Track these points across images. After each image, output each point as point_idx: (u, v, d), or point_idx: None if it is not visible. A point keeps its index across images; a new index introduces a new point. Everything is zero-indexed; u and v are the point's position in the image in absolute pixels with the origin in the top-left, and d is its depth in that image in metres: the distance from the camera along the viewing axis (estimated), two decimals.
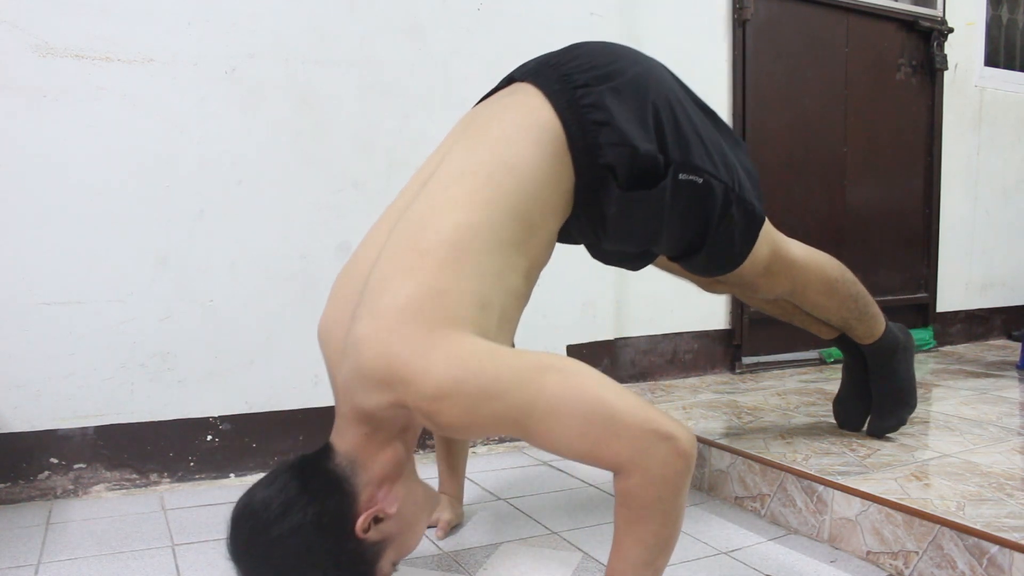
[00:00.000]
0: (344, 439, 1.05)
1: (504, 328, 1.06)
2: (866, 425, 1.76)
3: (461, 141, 1.16)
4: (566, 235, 1.25)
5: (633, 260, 1.37)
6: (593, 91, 1.14)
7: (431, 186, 1.10)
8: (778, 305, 1.71)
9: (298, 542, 0.98)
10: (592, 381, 0.94)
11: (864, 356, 1.71)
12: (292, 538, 0.98)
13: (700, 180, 1.22)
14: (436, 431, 0.98)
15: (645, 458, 0.91)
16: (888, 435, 1.73)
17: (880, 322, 1.65)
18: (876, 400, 1.72)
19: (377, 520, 1.04)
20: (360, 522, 1.02)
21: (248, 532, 1.00)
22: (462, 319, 0.97)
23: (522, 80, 1.21)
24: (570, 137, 1.12)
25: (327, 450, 1.06)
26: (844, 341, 1.73)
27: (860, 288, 1.61)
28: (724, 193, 1.25)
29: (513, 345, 1.17)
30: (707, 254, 1.32)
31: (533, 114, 1.13)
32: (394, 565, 1.11)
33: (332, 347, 1.12)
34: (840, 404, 1.81)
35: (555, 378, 0.93)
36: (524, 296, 1.13)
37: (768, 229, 1.40)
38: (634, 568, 0.96)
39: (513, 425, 0.93)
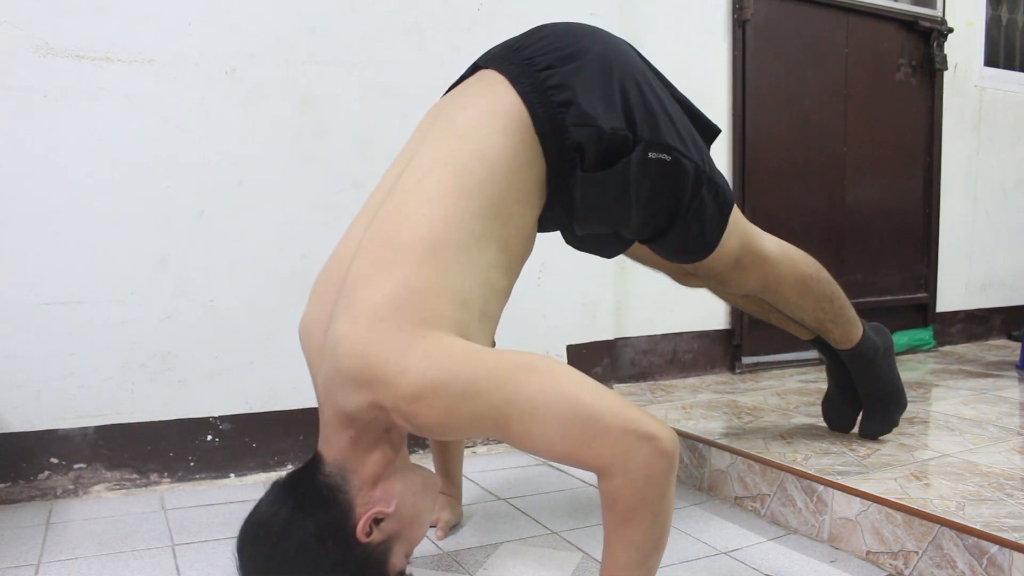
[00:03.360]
0: (331, 447, 1.04)
1: (485, 325, 1.05)
2: (857, 427, 1.75)
3: (431, 133, 1.14)
4: (540, 223, 1.22)
5: (606, 245, 1.35)
6: (557, 72, 1.12)
7: (404, 181, 1.08)
8: (753, 302, 1.67)
9: (304, 560, 0.98)
10: (571, 381, 0.93)
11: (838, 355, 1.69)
12: (298, 557, 0.98)
13: (669, 158, 1.18)
14: (415, 432, 0.98)
15: (627, 459, 0.90)
16: (880, 437, 1.72)
17: (857, 327, 1.61)
18: (865, 403, 1.70)
19: (377, 521, 1.04)
20: (360, 527, 1.02)
21: (255, 557, 1.01)
22: (441, 318, 0.95)
23: (486, 67, 1.20)
24: (536, 120, 1.09)
25: (316, 462, 1.05)
26: (821, 343, 1.70)
27: (836, 289, 1.57)
28: (695, 172, 1.22)
29: (494, 343, 1.16)
30: (678, 236, 1.28)
31: (499, 100, 1.11)
32: (407, 557, 1.11)
33: (313, 348, 1.11)
34: (828, 403, 1.79)
35: (534, 378, 0.91)
36: (505, 292, 1.12)
37: (739, 220, 1.37)
38: (626, 570, 0.96)
39: (492, 426, 0.92)
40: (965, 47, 3.13)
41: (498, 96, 1.12)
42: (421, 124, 1.22)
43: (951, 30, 3.00)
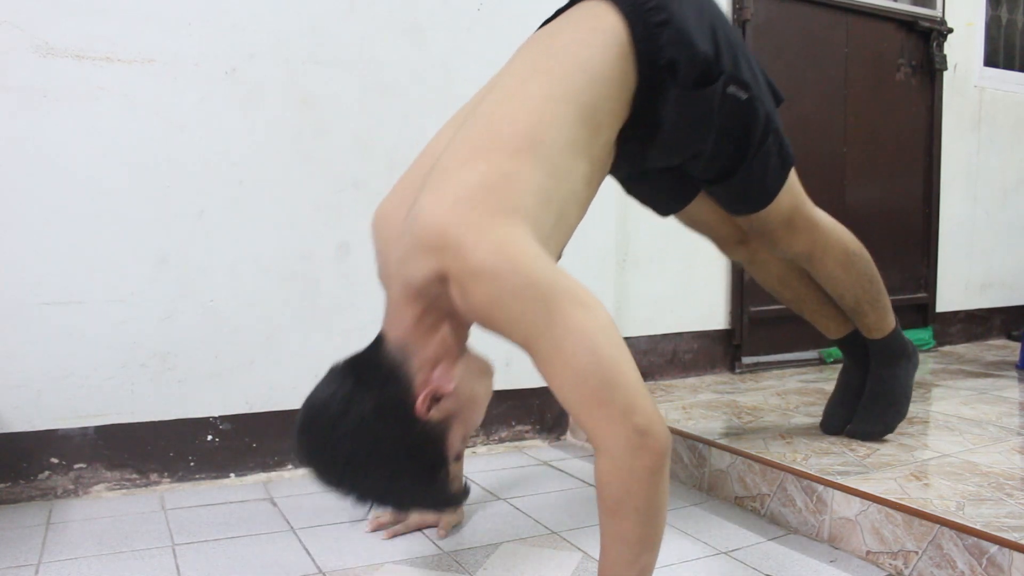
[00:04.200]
0: (394, 326, 1.07)
1: (559, 230, 1.08)
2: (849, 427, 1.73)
3: (532, 46, 1.21)
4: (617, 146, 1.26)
5: (667, 190, 1.42)
6: None
7: (503, 83, 1.14)
8: (790, 286, 1.69)
9: (365, 434, 1.00)
10: (611, 342, 0.94)
11: (866, 360, 1.69)
12: (358, 432, 1.00)
13: (745, 96, 1.26)
14: (465, 310, 0.99)
15: (615, 441, 0.92)
16: (871, 439, 1.69)
17: (891, 318, 1.65)
18: (868, 401, 1.69)
19: (437, 399, 1.05)
20: (420, 403, 1.03)
21: (316, 435, 1.02)
22: (524, 208, 0.99)
23: None
24: (634, 37, 1.15)
25: (377, 342, 1.08)
26: (849, 341, 1.71)
27: (876, 272, 1.62)
28: (765, 119, 1.31)
29: (559, 257, 1.17)
30: (741, 179, 1.35)
31: (600, 19, 1.17)
32: (464, 441, 1.12)
33: (386, 232, 1.14)
34: (829, 407, 1.79)
35: (583, 316, 0.93)
36: (584, 204, 1.16)
37: (796, 182, 1.45)
38: (617, 566, 0.97)
39: (524, 336, 0.94)
40: (965, 47, 3.13)
41: (599, 16, 1.17)
42: (521, 46, 1.27)
43: (951, 30, 3.00)
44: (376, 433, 1.01)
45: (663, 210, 1.48)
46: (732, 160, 1.33)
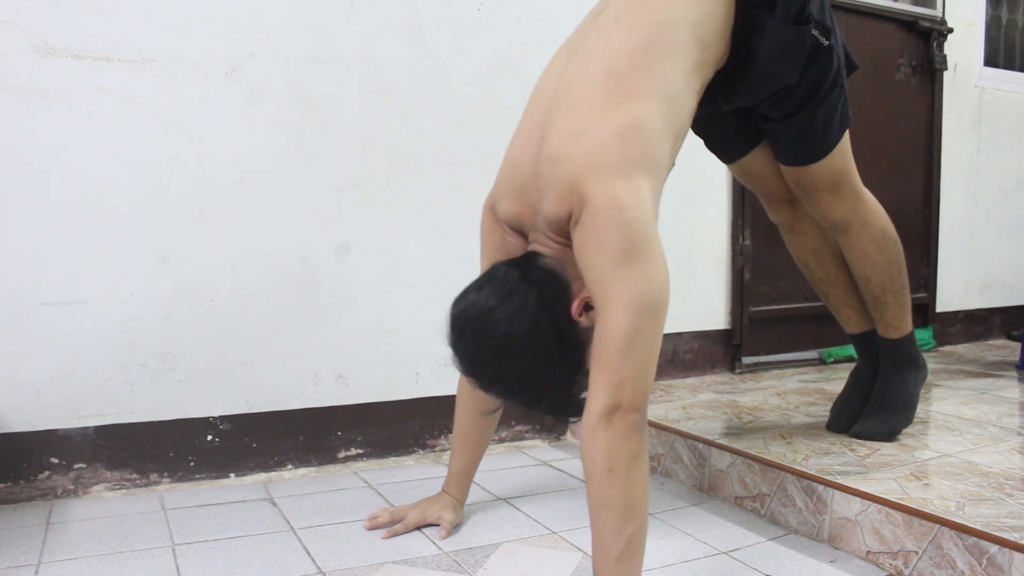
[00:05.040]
0: (545, 247, 1.15)
1: (675, 148, 1.18)
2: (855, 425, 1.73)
3: None
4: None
5: (737, 133, 1.51)
6: None
7: (605, 16, 1.20)
8: (823, 263, 1.70)
9: (524, 319, 1.07)
10: (655, 324, 1.03)
11: (878, 360, 1.69)
12: (518, 316, 1.07)
13: (826, 43, 1.33)
14: (574, 240, 1.09)
15: (600, 403, 1.00)
16: (874, 440, 1.68)
17: (909, 320, 1.66)
18: (875, 401, 1.69)
19: (588, 308, 1.11)
20: (576, 305, 1.11)
21: (478, 311, 1.09)
22: (648, 157, 1.08)
23: None
24: None
25: (534, 253, 1.16)
26: (864, 339, 1.71)
27: (904, 266, 1.64)
28: (837, 71, 1.37)
29: (673, 165, 1.24)
30: (805, 122, 1.41)
31: None
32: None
33: (524, 165, 1.19)
34: (835, 406, 1.79)
35: (656, 296, 1.03)
36: (693, 113, 1.23)
37: (848, 149, 1.51)
38: (602, 536, 1.01)
39: (599, 278, 1.03)
40: (965, 47, 3.12)
41: None
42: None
43: (951, 30, 3.00)
44: (536, 320, 1.08)
45: (729, 154, 1.57)
46: (800, 98, 1.38)
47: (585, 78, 1.14)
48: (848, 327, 1.74)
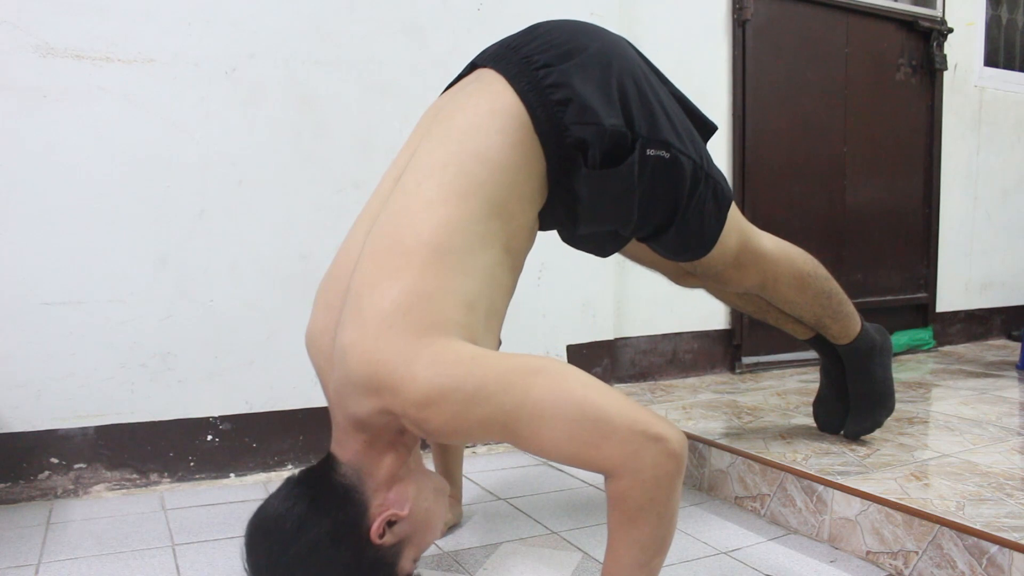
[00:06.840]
0: (345, 449, 1.04)
1: (491, 323, 1.05)
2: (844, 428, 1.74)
3: (429, 134, 1.13)
4: (540, 220, 1.21)
5: (603, 243, 1.34)
6: (554, 70, 1.11)
7: (404, 183, 1.08)
8: (751, 301, 1.67)
9: (317, 558, 0.98)
10: (579, 383, 0.92)
11: (838, 356, 1.69)
12: (310, 555, 0.98)
13: (668, 155, 1.19)
14: (425, 437, 0.99)
15: (635, 460, 0.89)
16: (863, 437, 1.71)
17: (855, 322, 1.62)
18: (854, 401, 1.70)
19: (391, 523, 1.04)
20: (375, 529, 1.02)
21: (266, 553, 1.00)
22: (448, 322, 0.96)
23: (483, 66, 1.19)
24: (535, 120, 1.09)
25: (331, 461, 1.05)
26: (818, 342, 1.70)
27: (834, 285, 1.58)
28: (693, 169, 1.22)
29: (500, 341, 1.16)
30: (677, 233, 1.28)
31: (496, 100, 1.10)
32: (414, 562, 1.11)
33: (321, 355, 1.11)
34: (819, 405, 1.79)
35: (541, 381, 0.91)
36: (510, 289, 1.12)
37: (738, 217, 1.37)
38: (629, 570, 0.95)
39: (501, 430, 0.92)
40: (965, 47, 3.12)
41: (496, 95, 1.11)
42: (419, 124, 1.22)
43: (951, 30, 3.00)
44: (329, 557, 0.99)
45: (604, 253, 1.40)
46: (663, 217, 1.25)
47: (376, 261, 1.02)
48: (797, 337, 1.74)
